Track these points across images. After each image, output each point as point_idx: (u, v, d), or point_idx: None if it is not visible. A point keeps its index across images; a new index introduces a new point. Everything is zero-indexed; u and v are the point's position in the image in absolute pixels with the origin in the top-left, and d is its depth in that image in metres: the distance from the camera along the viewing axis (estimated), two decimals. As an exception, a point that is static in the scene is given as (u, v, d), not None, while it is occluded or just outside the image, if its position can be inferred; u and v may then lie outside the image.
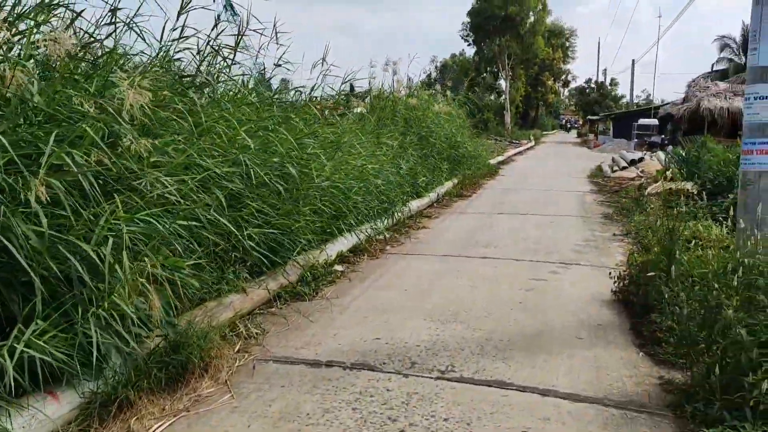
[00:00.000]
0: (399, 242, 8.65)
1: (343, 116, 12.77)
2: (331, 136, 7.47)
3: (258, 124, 5.67)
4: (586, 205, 12.70)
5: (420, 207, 11.21)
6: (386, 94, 13.78)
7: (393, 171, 9.72)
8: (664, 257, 5.39)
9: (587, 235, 9.38)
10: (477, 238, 8.95)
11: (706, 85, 26.78)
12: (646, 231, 9.16)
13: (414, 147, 12.39)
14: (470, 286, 6.33)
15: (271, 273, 5.68)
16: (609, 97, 59.64)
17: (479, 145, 21.89)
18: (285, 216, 5.67)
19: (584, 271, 7.10)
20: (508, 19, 44.60)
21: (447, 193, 13.42)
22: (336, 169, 6.98)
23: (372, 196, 8.20)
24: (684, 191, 11.72)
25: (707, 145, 13.15)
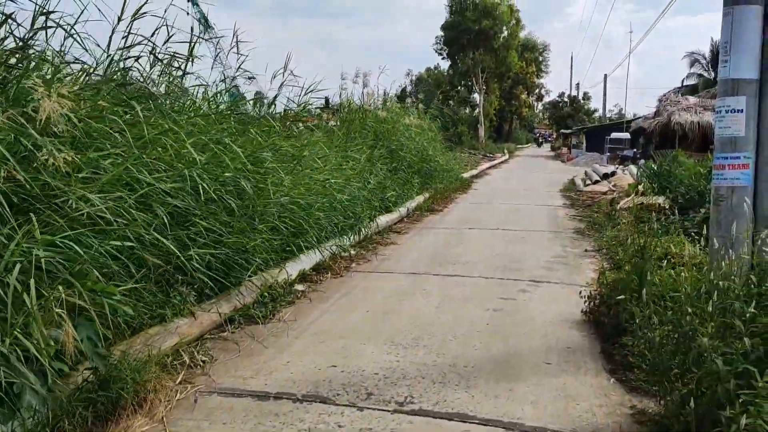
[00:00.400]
0: (365, 259, 8.35)
1: (311, 129, 12.51)
2: (292, 150, 7.16)
3: (211, 137, 5.34)
4: (559, 219, 12.54)
5: (389, 222, 10.94)
6: (356, 106, 13.54)
7: (360, 185, 9.43)
8: (635, 276, 5.17)
9: (558, 251, 9.17)
10: (446, 255, 8.70)
11: (676, 99, 27.03)
12: (618, 247, 9.01)
13: (383, 160, 12.13)
14: (436, 306, 6.05)
15: (224, 295, 5.34)
16: (582, 111, 60.14)
17: (452, 158, 21.76)
18: (239, 234, 5.34)
19: (554, 289, 6.87)
20: (482, 33, 44.74)
21: (418, 207, 13.16)
22: (296, 184, 6.67)
23: (337, 211, 7.90)
24: (656, 206, 11.63)
25: (678, 159, 13.09)
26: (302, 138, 8.62)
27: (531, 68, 59.97)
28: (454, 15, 45.62)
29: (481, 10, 44.53)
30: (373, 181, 10.37)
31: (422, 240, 10.02)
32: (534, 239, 10.13)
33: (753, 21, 5.13)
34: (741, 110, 5.16)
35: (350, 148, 10.90)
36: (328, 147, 9.90)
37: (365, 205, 9.33)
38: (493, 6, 45.09)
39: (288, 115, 9.23)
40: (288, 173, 6.48)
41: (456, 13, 45.46)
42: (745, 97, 5.16)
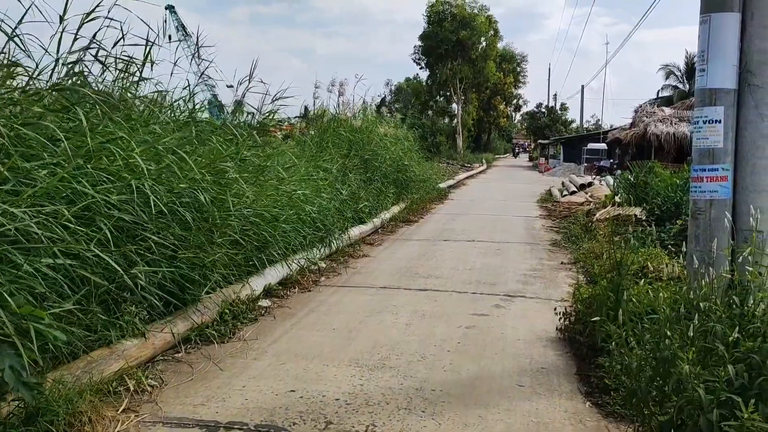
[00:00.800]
0: (335, 273, 8.07)
1: (285, 139, 12.23)
2: (258, 160, 6.86)
3: (166, 146, 5.04)
4: (535, 231, 12.37)
5: (362, 234, 10.67)
6: (330, 115, 13.29)
7: (331, 197, 9.16)
8: (611, 294, 4.95)
9: (534, 263, 8.97)
10: (419, 268, 8.45)
11: (652, 110, 27.17)
12: (594, 260, 8.83)
13: (357, 171, 11.87)
14: (405, 324, 5.78)
15: (179, 313, 5.03)
16: (559, 122, 60.45)
17: (429, 168, 21.57)
18: (196, 249, 5.04)
19: (529, 304, 6.65)
20: (460, 43, 44.81)
21: (393, 218, 12.92)
22: (261, 195, 6.37)
23: (305, 224, 7.62)
24: (632, 217, 11.51)
25: (655, 170, 13.00)
26: (272, 147, 8.32)
27: (509, 79, 60.21)
28: (432, 25, 45.66)
29: (459, 20, 44.66)
30: (346, 191, 10.10)
31: (396, 252, 9.76)
32: (510, 251, 9.93)
33: (731, 28, 4.96)
34: (719, 120, 4.98)
35: (323, 158, 10.63)
36: (300, 157, 9.64)
37: (337, 217, 9.06)
38: (471, 17, 45.24)
39: (264, 124, 8.96)
40: (251, 184, 6.18)
41: (434, 23, 45.51)
42: (723, 107, 4.98)
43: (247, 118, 13.41)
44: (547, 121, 59.08)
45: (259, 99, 8.44)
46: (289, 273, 7.18)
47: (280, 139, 12.27)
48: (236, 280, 6.09)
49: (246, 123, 8.81)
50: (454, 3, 45.46)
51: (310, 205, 7.75)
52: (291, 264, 7.26)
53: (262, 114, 7.87)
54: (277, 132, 13.02)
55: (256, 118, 12.15)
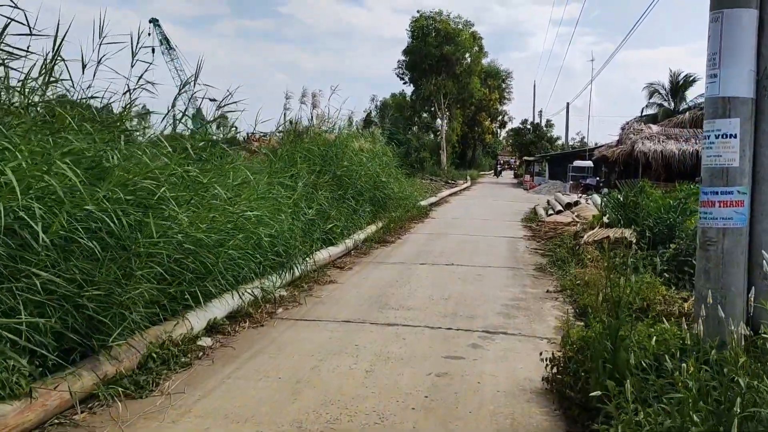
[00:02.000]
0: (296, 303, 7.19)
1: (250, 152, 11.40)
2: (202, 178, 5.98)
3: (63, 159, 4.17)
4: (518, 253, 11.57)
5: (332, 257, 9.82)
6: (302, 128, 12.48)
7: (294, 217, 8.31)
8: (607, 340, 4.13)
9: (517, 291, 8.16)
10: (390, 297, 7.60)
11: (639, 128, 26.64)
12: (583, 287, 8.04)
13: (328, 188, 11.03)
14: (365, 370, 4.92)
15: (88, 362, 4.14)
16: (545, 138, 60.08)
17: (410, 185, 20.82)
18: (110, 283, 4.16)
19: (511, 343, 5.82)
20: (444, 58, 44.32)
21: (368, 238, 12.08)
22: (200, 218, 5.49)
23: (259, 248, 6.75)
24: (622, 240, 10.76)
25: (645, 189, 12.28)
26: (228, 162, 7.47)
27: (494, 95, 59.85)
28: (416, 40, 45.17)
29: (443, 35, 44.23)
30: (313, 210, 9.25)
31: (366, 278, 8.91)
32: (491, 277, 9.11)
33: (747, 27, 4.20)
34: (734, 135, 4.21)
35: (287, 174, 9.79)
36: (260, 173, 8.80)
37: (300, 239, 8.20)
38: (455, 32, 44.84)
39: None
40: (190, 205, 5.31)
41: (418, 38, 45.03)
42: (739, 119, 4.21)
43: (231, 131, 12.66)
44: (533, 138, 58.70)
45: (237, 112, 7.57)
46: (239, 305, 6.31)
47: (242, 154, 11.46)
48: (171, 316, 5.22)
49: (202, 134, 7.99)
50: (438, 18, 45.07)
51: (266, 228, 6.89)
52: (243, 294, 6.40)
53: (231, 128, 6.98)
54: (259, 145, 12.21)
55: (236, 131, 11.43)
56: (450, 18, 45.64)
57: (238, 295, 6.32)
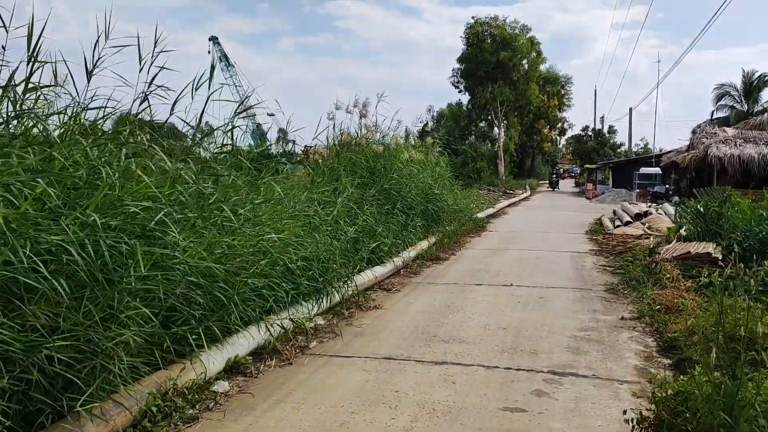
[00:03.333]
0: (333, 334, 6.37)
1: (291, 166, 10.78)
2: (220, 196, 5.23)
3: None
4: (585, 271, 10.46)
5: (378, 277, 8.99)
6: (348, 139, 11.74)
7: (335, 235, 7.53)
8: (721, 408, 3.13)
9: (586, 319, 7.13)
10: (439, 326, 6.70)
11: (713, 131, 24.84)
12: (665, 315, 6.95)
13: (375, 202, 10.22)
14: (405, 429, 4.04)
15: (57, 426, 3.40)
16: (607, 145, 57.79)
17: (466, 196, 19.84)
18: (87, 329, 3.42)
19: (583, 389, 4.83)
20: (500, 65, 43.06)
21: (419, 255, 11.20)
22: (209, 244, 4.72)
23: (291, 273, 5.98)
24: (706, 256, 9.54)
25: (731, 199, 10.97)
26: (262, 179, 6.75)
27: (553, 102, 58.02)
28: (471, 47, 44.08)
29: (499, 41, 43.00)
30: (355, 228, 8.44)
31: (415, 302, 8.02)
32: (555, 301, 8.09)
33: None
34: None
35: (330, 188, 9.04)
36: (302, 189, 8.09)
37: (340, 261, 7.40)
38: (512, 37, 43.54)
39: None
40: (192, 228, 4.54)
41: (473, 45, 43.94)
42: None
43: (288, 146, 12.14)
44: (594, 145, 56.54)
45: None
46: (267, 339, 5.54)
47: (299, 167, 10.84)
48: (179, 359, 4.47)
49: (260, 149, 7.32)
50: (494, 24, 43.90)
51: (297, 250, 6.10)
52: (272, 326, 5.63)
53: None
54: (312, 157, 11.61)
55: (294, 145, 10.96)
56: (506, 23, 44.39)
57: (266, 327, 5.55)
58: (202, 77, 5.47)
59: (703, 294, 8.14)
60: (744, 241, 9.53)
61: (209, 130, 6.96)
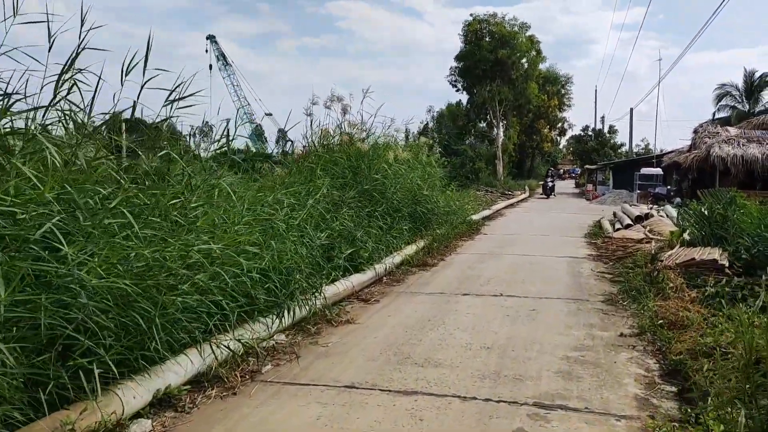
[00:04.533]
0: (292, 355, 5.63)
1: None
2: (147, 201, 4.47)
3: None
4: (582, 279, 9.71)
5: (356, 286, 8.25)
6: (329, 137, 11.01)
7: (301, 242, 6.79)
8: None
9: (581, 335, 6.38)
10: (416, 345, 5.95)
11: (715, 130, 24.08)
12: (669, 331, 6.21)
13: (355, 204, 9.48)
14: (351, 486, 3.30)
15: None
16: (608, 145, 56.97)
17: (461, 197, 19.09)
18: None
19: (574, 427, 4.10)
20: (499, 63, 42.18)
21: (405, 261, 10.45)
22: (125, 256, 3.96)
23: (240, 288, 5.23)
24: (712, 263, 8.79)
25: (737, 201, 10.22)
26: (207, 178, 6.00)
27: (553, 101, 57.17)
28: (469, 45, 43.23)
29: (498, 39, 42.14)
30: (326, 234, 7.70)
31: (393, 315, 7.28)
32: (548, 313, 7.35)
33: None
34: None
35: (304, 190, 8.30)
36: (269, 192, 7.35)
37: (308, 270, 6.66)
38: (511, 35, 42.68)
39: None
40: (97, 241, 3.76)
41: (471, 42, 43.10)
42: None
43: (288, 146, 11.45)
44: (595, 145, 55.78)
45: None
46: (211, 363, 4.79)
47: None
48: (84, 395, 3.72)
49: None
50: (492, 21, 43.06)
51: (251, 261, 5.35)
52: (219, 347, 4.89)
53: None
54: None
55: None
56: (505, 20, 43.53)
57: (210, 350, 4.81)
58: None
59: (709, 305, 7.41)
60: (752, 247, 8.78)
61: (208, 129, 6.40)
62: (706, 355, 5.24)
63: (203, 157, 7.29)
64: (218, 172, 6.42)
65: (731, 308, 7.02)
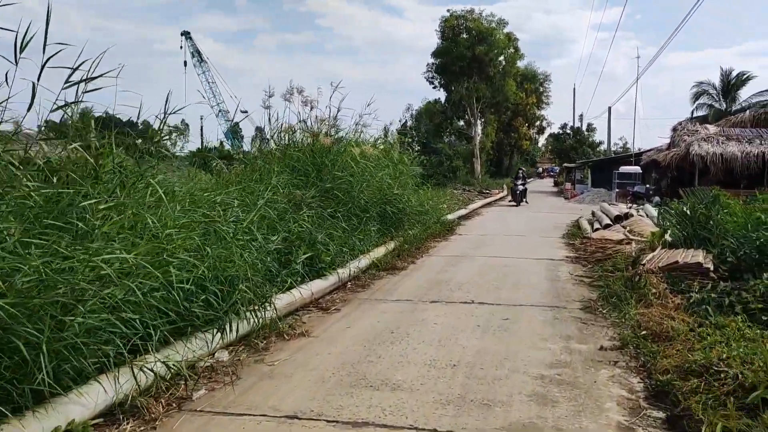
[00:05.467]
0: (233, 376, 4.96)
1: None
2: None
3: None
4: (560, 283, 9.14)
5: (316, 294, 7.60)
6: (290, 133, 10.33)
7: (248, 247, 6.11)
8: None
9: (558, 349, 5.79)
10: (373, 363, 5.31)
11: (694, 128, 23.75)
12: (653, 344, 5.66)
13: (316, 204, 8.82)
14: None
15: None
16: (586, 144, 56.80)
17: (436, 196, 18.52)
18: None
19: (548, 470, 3.47)
20: (476, 59, 41.64)
21: (372, 264, 9.82)
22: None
23: (167, 302, 4.55)
24: (696, 266, 8.27)
25: (720, 200, 9.73)
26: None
27: (531, 99, 56.82)
28: (446, 41, 42.68)
29: (475, 35, 41.64)
30: (278, 237, 7.03)
31: (353, 326, 6.63)
32: (522, 323, 6.75)
33: None
34: None
35: (259, 188, 7.63)
36: (217, 191, 6.67)
37: (257, 279, 5.99)
38: (488, 31, 42.20)
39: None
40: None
41: (448, 39, 42.55)
42: None
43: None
44: (573, 143, 55.58)
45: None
46: (129, 390, 4.11)
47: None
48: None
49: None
50: (469, 17, 42.53)
51: (183, 271, 4.67)
52: (143, 369, 4.21)
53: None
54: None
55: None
56: (482, 16, 43.05)
57: (132, 373, 4.13)
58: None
59: (694, 313, 6.88)
60: (738, 249, 8.27)
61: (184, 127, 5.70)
62: (696, 375, 4.68)
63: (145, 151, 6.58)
64: (156, 168, 5.71)
65: (719, 316, 6.55)
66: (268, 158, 9.17)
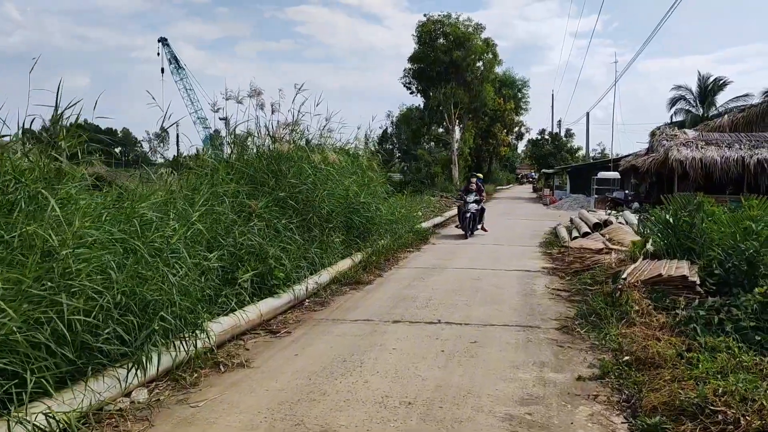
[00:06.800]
0: (144, 422, 4.18)
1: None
2: None
3: None
4: (535, 299, 8.46)
5: (265, 315, 6.84)
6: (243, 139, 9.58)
7: (187, 264, 5.35)
8: None
9: (530, 380, 5.09)
10: (315, 402, 4.56)
11: (673, 133, 23.31)
12: (638, 372, 4.99)
13: (268, 214, 8.06)
14: None
15: None
16: (565, 149, 56.52)
17: (410, 204, 17.82)
18: None
19: None
20: (454, 64, 41.12)
21: (335, 279, 9.08)
22: None
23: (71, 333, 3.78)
24: (681, 280, 7.64)
25: (704, 207, 9.13)
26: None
27: (509, 105, 56.39)
28: (423, 46, 42.12)
29: (453, 40, 41.12)
30: (218, 253, 6.26)
31: (301, 353, 5.87)
32: (491, 348, 6.04)
33: None
34: None
35: (204, 198, 6.86)
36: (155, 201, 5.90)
37: (185, 303, 5.22)
38: (465, 36, 41.70)
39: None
40: None
41: (425, 43, 41.99)
42: None
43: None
44: (552, 149, 55.25)
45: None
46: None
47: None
48: None
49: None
50: (447, 22, 42.01)
51: (79, 299, 3.91)
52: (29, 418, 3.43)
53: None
54: None
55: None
56: (459, 21, 42.52)
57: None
58: None
59: (681, 333, 6.24)
60: (726, 261, 7.66)
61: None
62: (689, 416, 4.00)
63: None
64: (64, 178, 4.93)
65: (708, 336, 5.92)
66: (219, 165, 8.38)
